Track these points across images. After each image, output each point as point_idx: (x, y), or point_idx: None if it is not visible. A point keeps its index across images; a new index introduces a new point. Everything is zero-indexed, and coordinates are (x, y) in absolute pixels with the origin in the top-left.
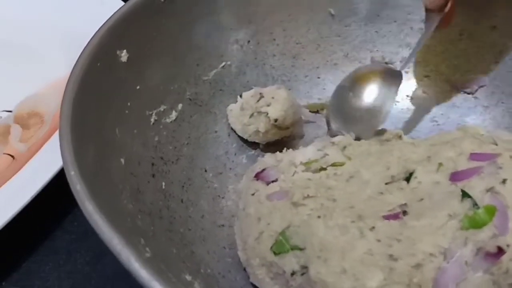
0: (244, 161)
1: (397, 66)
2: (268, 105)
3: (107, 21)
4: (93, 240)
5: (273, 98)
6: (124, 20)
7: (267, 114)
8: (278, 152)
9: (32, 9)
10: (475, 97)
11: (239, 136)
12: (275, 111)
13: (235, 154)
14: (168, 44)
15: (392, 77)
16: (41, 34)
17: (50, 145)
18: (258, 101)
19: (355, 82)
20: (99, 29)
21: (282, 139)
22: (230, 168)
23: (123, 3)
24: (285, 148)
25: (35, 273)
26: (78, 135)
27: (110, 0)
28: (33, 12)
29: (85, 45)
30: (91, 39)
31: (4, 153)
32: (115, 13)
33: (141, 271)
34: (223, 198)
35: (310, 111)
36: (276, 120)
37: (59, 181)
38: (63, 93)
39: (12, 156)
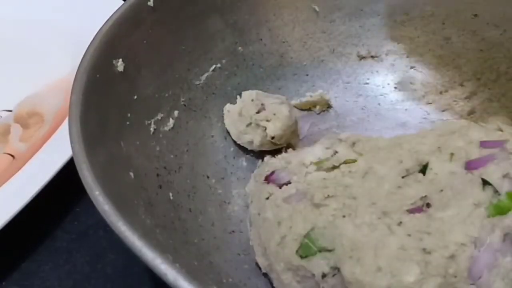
0: (244, 163)
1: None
2: (268, 120)
3: (98, 32)
4: (93, 240)
5: (274, 114)
6: (115, 30)
7: (266, 129)
8: (284, 153)
9: (32, 9)
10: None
11: None
12: (275, 128)
13: (234, 158)
14: (158, 51)
15: None
16: (41, 34)
17: (50, 145)
18: (258, 112)
19: None
20: (93, 40)
21: None
22: (231, 173)
23: (123, 2)
24: (290, 149)
25: (35, 273)
26: (91, 153)
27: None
28: (34, 11)
29: (85, 44)
30: (86, 51)
31: (4, 153)
32: (104, 23)
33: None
34: (229, 203)
35: (302, 109)
36: (273, 138)
37: (59, 180)
38: (62, 94)
39: (12, 156)
